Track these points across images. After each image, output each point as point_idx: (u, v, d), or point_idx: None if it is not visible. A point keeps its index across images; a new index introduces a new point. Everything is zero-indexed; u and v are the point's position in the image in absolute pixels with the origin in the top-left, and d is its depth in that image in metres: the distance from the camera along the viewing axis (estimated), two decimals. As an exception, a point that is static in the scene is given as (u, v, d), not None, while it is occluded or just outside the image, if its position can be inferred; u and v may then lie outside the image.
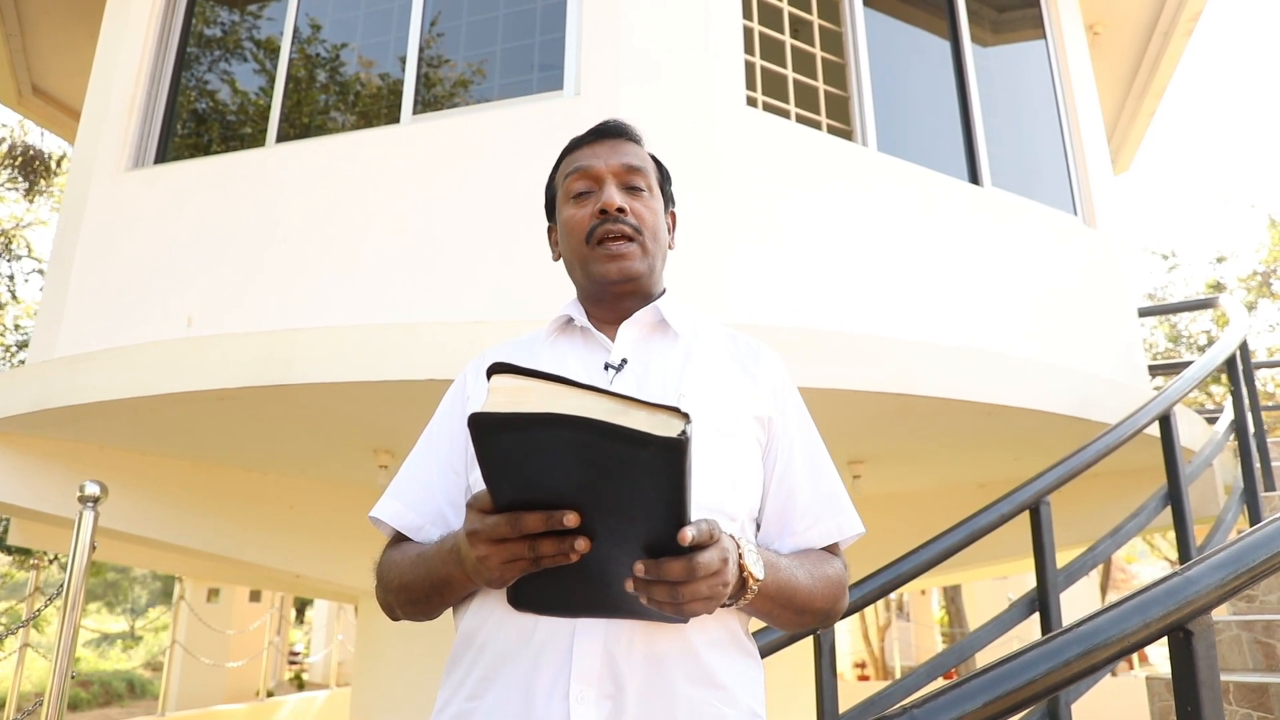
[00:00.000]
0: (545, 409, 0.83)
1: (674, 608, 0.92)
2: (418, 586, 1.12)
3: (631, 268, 1.23)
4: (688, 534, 0.87)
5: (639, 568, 0.89)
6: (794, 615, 1.13)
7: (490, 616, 1.08)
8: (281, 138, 4.07)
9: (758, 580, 1.02)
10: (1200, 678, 1.29)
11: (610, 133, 1.32)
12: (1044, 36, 5.13)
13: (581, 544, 0.89)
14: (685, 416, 0.84)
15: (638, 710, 1.02)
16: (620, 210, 1.23)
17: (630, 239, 1.24)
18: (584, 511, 0.88)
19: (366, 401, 3.27)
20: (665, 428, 0.83)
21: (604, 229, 1.23)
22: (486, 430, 0.84)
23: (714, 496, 1.10)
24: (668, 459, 0.83)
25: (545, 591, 0.98)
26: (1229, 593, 1.33)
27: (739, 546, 1.00)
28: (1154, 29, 6.17)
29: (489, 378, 0.87)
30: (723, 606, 1.01)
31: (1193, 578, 1.33)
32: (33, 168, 10.76)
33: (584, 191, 1.27)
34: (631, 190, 1.27)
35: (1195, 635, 1.31)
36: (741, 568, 1.00)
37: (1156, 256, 14.94)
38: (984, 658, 8.91)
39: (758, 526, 1.23)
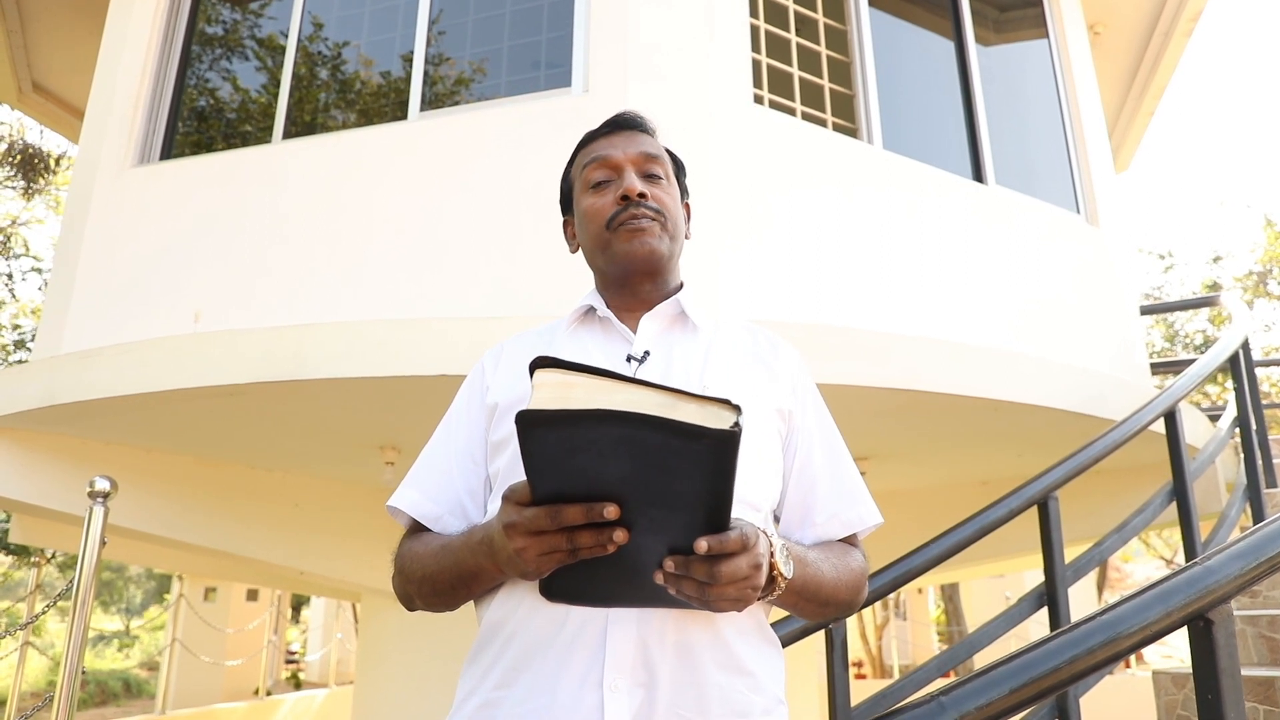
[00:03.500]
0: (593, 404, 0.83)
1: (701, 604, 0.93)
2: (443, 578, 1.12)
3: (654, 245, 1.24)
4: (702, 545, 0.88)
5: (668, 564, 0.90)
6: (817, 607, 1.15)
7: (520, 606, 1.08)
8: (287, 135, 4.07)
9: (786, 579, 1.03)
10: (1221, 666, 1.30)
11: (625, 124, 1.33)
12: (1046, 36, 5.15)
13: (620, 535, 0.89)
14: (736, 409, 0.84)
15: (670, 698, 1.02)
16: (641, 195, 1.24)
17: (652, 219, 1.24)
18: (624, 503, 0.88)
19: (374, 397, 3.27)
20: (717, 420, 0.83)
21: (626, 214, 1.23)
22: (534, 427, 0.84)
23: (739, 488, 1.10)
24: (720, 451, 0.83)
25: (578, 581, 0.97)
26: (1248, 582, 1.34)
27: (772, 546, 1.01)
28: (1154, 29, 6.19)
29: (532, 373, 0.88)
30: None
31: (1213, 567, 1.34)
32: (32, 166, 10.72)
33: (603, 180, 1.27)
34: (650, 178, 1.28)
35: (1216, 624, 1.32)
36: (772, 566, 1.01)
37: (1153, 256, 14.95)
38: (981, 659, 8.93)
39: (776, 519, 1.24)
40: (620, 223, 1.24)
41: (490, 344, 1.33)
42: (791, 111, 3.95)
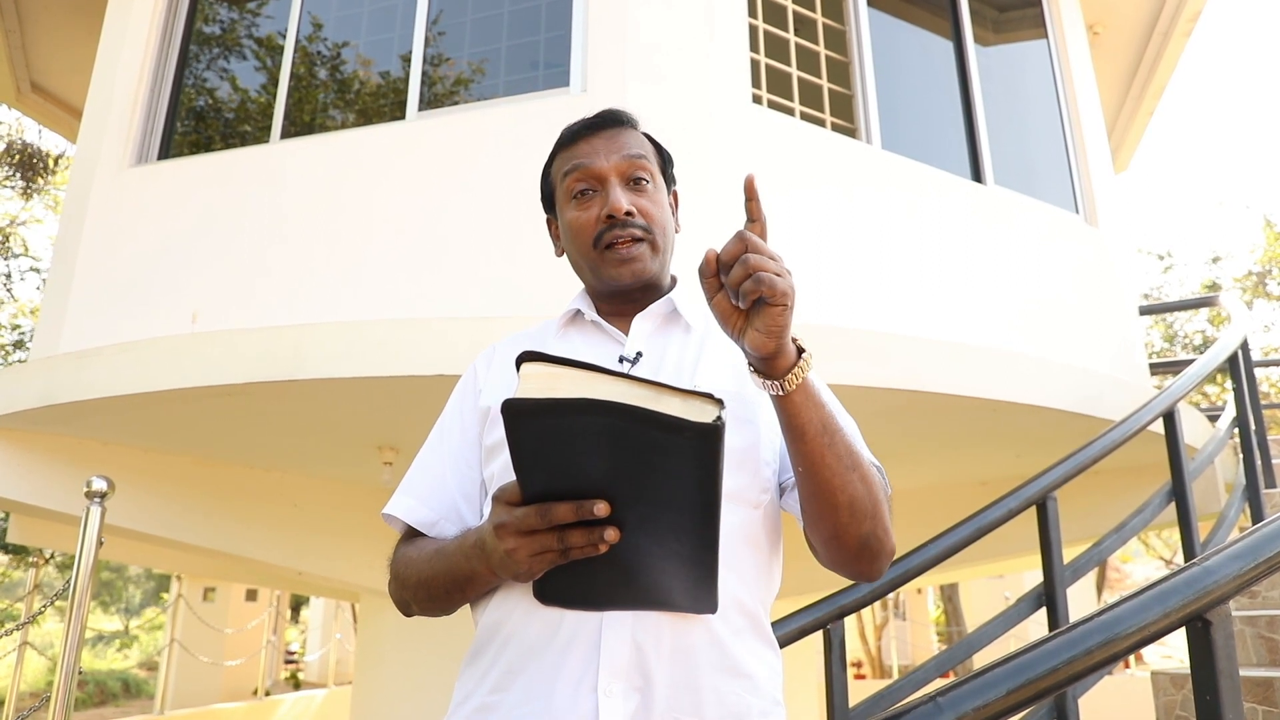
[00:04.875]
0: (578, 395, 0.83)
1: (754, 286, 0.92)
2: (438, 583, 1.11)
3: (644, 268, 1.22)
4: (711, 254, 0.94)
5: (710, 255, 0.95)
6: (842, 453, 1.03)
7: (515, 610, 1.07)
8: (285, 134, 4.07)
9: (809, 354, 0.98)
10: (1219, 667, 1.30)
11: (607, 123, 1.27)
12: (1045, 36, 5.14)
13: (611, 534, 0.89)
14: (719, 403, 0.84)
15: (666, 702, 1.01)
16: (628, 214, 1.20)
17: (640, 239, 1.22)
18: (613, 500, 0.88)
19: (373, 397, 3.27)
20: (700, 413, 0.83)
21: (612, 234, 1.20)
22: (520, 417, 0.84)
23: (736, 483, 1.09)
24: (702, 445, 0.83)
25: (572, 584, 0.97)
26: (1247, 583, 1.34)
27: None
28: (1153, 29, 6.20)
29: (519, 366, 0.87)
30: (782, 378, 0.97)
31: (1211, 568, 1.33)
32: (30, 165, 10.72)
33: (586, 190, 1.24)
34: (636, 183, 1.24)
35: (1214, 625, 1.32)
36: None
37: (1152, 257, 14.95)
38: (980, 659, 8.93)
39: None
40: (608, 244, 1.21)
41: (489, 344, 1.32)
42: (790, 112, 3.95)
